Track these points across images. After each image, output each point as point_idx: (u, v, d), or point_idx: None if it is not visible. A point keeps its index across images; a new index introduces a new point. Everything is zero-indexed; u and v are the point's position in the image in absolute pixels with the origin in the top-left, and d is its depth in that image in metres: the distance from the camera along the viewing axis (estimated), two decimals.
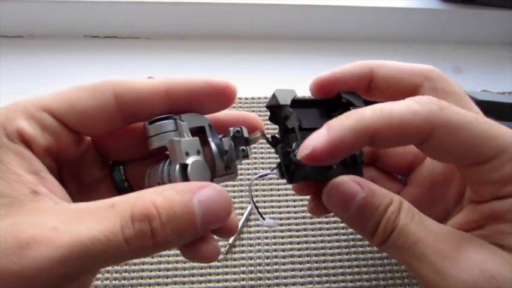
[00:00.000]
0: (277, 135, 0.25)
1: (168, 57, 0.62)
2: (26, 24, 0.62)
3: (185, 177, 0.20)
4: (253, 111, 0.54)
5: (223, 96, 0.23)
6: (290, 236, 0.43)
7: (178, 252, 0.41)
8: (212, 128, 0.23)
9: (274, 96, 0.23)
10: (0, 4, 0.58)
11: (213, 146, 0.23)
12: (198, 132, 0.23)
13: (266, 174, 0.24)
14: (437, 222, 0.22)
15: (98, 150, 0.25)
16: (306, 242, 0.42)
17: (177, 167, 0.21)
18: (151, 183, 0.22)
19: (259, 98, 0.56)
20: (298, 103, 0.24)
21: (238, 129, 0.23)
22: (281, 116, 0.23)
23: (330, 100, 0.25)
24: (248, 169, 0.47)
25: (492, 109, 0.46)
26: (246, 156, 0.23)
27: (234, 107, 0.55)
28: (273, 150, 0.26)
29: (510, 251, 0.20)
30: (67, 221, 0.17)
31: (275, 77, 0.60)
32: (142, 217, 0.18)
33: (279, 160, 0.24)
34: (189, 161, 0.21)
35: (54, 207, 0.18)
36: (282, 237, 0.43)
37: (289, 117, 0.23)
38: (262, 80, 0.60)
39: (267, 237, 0.43)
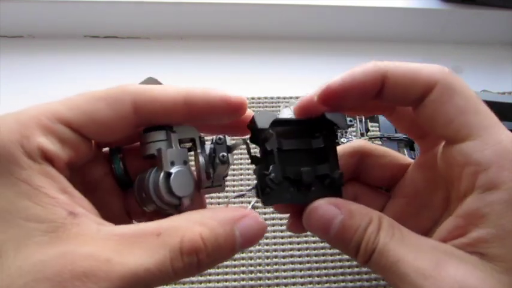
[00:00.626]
0: (258, 155, 0.25)
1: (168, 57, 0.62)
2: (26, 24, 0.62)
3: (168, 185, 0.21)
4: (253, 111, 0.54)
5: (237, 112, 0.23)
6: (290, 236, 0.43)
7: None
8: (202, 141, 0.24)
9: (253, 119, 0.23)
10: (0, 4, 0.58)
11: (200, 158, 0.23)
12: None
13: (243, 194, 0.25)
14: (420, 235, 0.22)
15: (98, 144, 0.25)
16: (306, 242, 0.42)
17: (162, 174, 0.22)
18: (138, 190, 0.23)
19: (259, 98, 0.56)
20: (280, 124, 0.24)
21: (221, 136, 0.23)
22: (261, 137, 0.23)
23: (313, 120, 0.25)
24: (249, 169, 0.47)
25: (492, 109, 0.46)
26: (226, 162, 0.23)
27: None
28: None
29: (491, 260, 0.20)
30: (117, 251, 0.18)
31: (275, 77, 0.60)
32: (191, 251, 0.19)
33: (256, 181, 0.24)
34: (173, 170, 0.22)
35: (98, 232, 0.18)
36: (282, 237, 0.43)
37: (269, 139, 0.23)
38: (262, 80, 0.60)
39: (267, 237, 0.43)
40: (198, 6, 0.61)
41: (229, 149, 0.24)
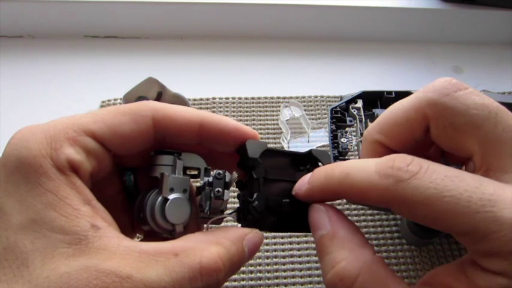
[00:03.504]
0: (243, 181, 0.25)
1: (168, 57, 0.62)
2: (26, 24, 0.62)
3: (163, 211, 0.22)
4: (253, 111, 0.55)
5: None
6: (290, 236, 0.43)
7: None
8: (208, 171, 0.25)
9: (244, 146, 0.24)
10: (0, 4, 0.58)
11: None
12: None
13: (224, 217, 0.25)
14: None
15: (116, 161, 0.25)
16: (306, 242, 0.42)
17: (159, 199, 0.22)
18: (138, 209, 0.24)
19: (259, 98, 0.56)
20: (269, 153, 0.25)
21: (220, 172, 0.24)
22: (249, 165, 0.24)
23: (301, 154, 0.26)
24: None
25: None
26: (219, 198, 0.24)
27: (234, 107, 0.55)
28: None
29: None
30: (137, 268, 0.18)
31: (275, 77, 0.60)
32: (211, 272, 0.19)
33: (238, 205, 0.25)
34: (171, 196, 0.22)
35: (118, 247, 0.19)
36: (282, 237, 0.43)
37: (256, 168, 0.24)
38: (262, 80, 0.60)
39: (267, 237, 0.43)
40: (198, 6, 0.61)
41: (227, 185, 0.24)
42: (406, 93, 0.45)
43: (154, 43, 0.64)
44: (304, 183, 0.23)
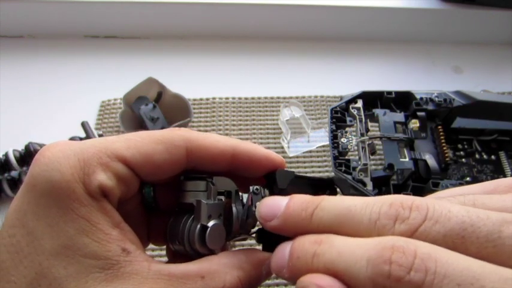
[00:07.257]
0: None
1: (168, 57, 0.62)
2: (26, 24, 0.62)
3: (203, 238, 0.23)
4: (253, 111, 0.55)
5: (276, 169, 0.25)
6: None
7: None
8: (238, 193, 0.25)
9: (274, 176, 0.25)
10: (0, 4, 0.59)
11: (234, 211, 0.25)
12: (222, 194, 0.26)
13: (245, 238, 0.26)
14: None
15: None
16: None
17: (198, 227, 0.23)
18: (171, 234, 0.24)
19: (259, 98, 0.56)
20: (295, 179, 0.26)
21: (258, 187, 0.25)
22: (275, 192, 0.25)
23: (324, 180, 0.28)
24: None
25: (492, 109, 0.46)
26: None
27: (234, 107, 0.55)
28: None
29: None
30: None
31: (275, 77, 0.60)
32: None
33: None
34: (210, 224, 0.23)
35: (149, 271, 0.19)
36: None
37: (281, 194, 0.25)
38: (262, 80, 0.60)
39: None
40: (198, 6, 0.61)
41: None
42: (406, 93, 0.45)
43: (154, 43, 0.64)
44: (274, 211, 0.21)
